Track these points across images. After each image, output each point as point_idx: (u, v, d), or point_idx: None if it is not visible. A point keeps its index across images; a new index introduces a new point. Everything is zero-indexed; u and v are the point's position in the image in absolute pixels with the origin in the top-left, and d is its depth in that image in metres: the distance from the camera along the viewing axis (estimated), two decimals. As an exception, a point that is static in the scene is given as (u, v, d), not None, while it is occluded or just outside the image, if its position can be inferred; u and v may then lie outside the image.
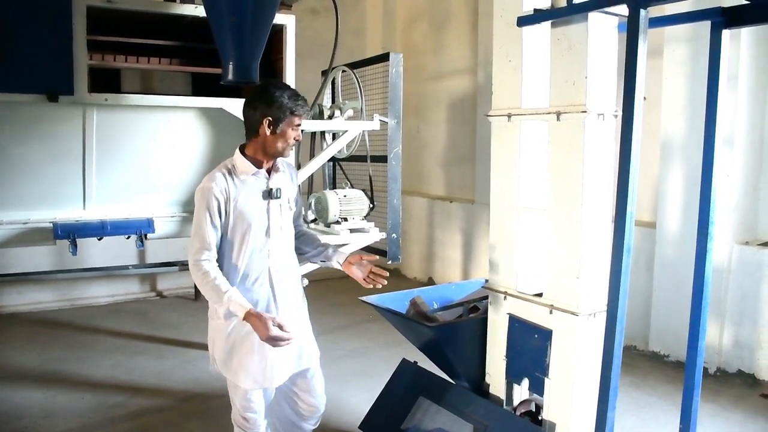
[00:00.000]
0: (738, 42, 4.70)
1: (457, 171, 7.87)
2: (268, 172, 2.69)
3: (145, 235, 4.49)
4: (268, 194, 2.65)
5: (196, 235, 2.57)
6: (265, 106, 2.58)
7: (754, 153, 5.04)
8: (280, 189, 2.69)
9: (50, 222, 4.20)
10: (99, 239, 4.63)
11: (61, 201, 4.29)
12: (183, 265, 7.42)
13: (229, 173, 2.60)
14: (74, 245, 4.19)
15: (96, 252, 7.00)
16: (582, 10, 2.57)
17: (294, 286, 2.83)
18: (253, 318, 2.49)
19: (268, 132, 2.58)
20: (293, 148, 2.69)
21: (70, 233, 4.20)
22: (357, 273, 2.86)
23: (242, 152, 2.66)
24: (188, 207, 4.70)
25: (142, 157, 4.38)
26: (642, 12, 2.28)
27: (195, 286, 7.29)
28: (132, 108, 4.19)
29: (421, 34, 8.30)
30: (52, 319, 6.49)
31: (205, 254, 2.55)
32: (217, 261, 2.62)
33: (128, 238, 4.57)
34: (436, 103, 8.09)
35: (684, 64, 5.05)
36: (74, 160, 4.18)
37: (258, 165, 2.64)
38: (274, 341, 2.48)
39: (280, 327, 2.49)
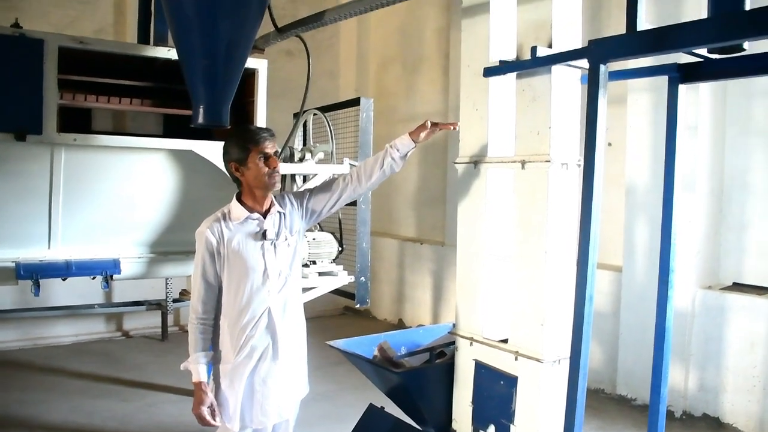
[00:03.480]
0: (697, 93, 4.87)
1: (428, 213, 7.93)
2: (265, 215, 2.72)
3: (111, 276, 4.41)
4: (263, 236, 2.69)
5: (194, 290, 2.72)
6: (227, 155, 2.72)
7: (714, 199, 5.18)
8: (274, 230, 2.73)
9: (13, 261, 4.11)
10: (63, 279, 4.55)
11: (25, 240, 4.21)
12: (150, 304, 7.32)
13: (224, 218, 2.69)
14: (37, 286, 4.10)
15: (61, 291, 6.88)
16: (546, 63, 2.66)
17: (296, 331, 2.82)
18: (198, 390, 2.65)
19: (240, 174, 2.70)
20: (275, 175, 2.69)
21: (33, 273, 4.11)
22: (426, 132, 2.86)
23: (238, 199, 2.75)
24: (156, 248, 4.65)
25: (110, 196, 4.34)
26: (602, 67, 2.36)
27: (162, 326, 7.22)
28: (101, 148, 4.17)
29: (394, 77, 8.45)
30: (13, 359, 6.32)
31: (198, 315, 2.68)
32: (220, 301, 2.71)
33: (93, 278, 4.49)
34: (408, 145, 8.17)
35: (646, 113, 5.21)
36: (40, 199, 4.13)
37: (251, 209, 2.71)
38: (200, 418, 2.65)
39: (213, 412, 2.66)
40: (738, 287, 5.07)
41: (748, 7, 2.08)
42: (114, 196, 4.38)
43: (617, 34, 2.35)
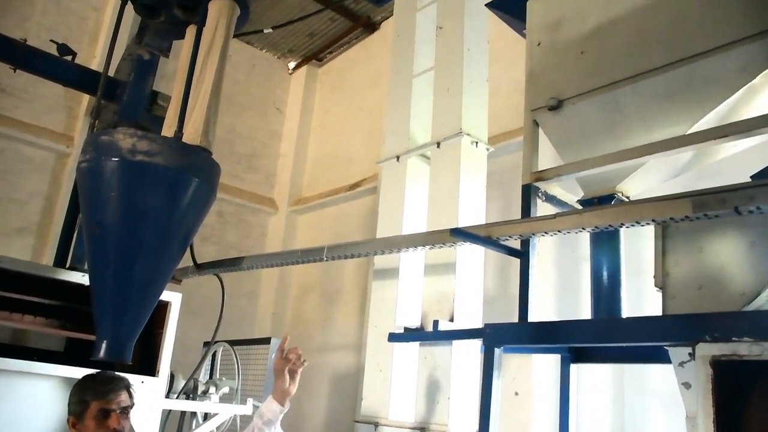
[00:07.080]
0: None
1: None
2: None
3: None
4: None
5: None
6: (68, 407, 2.39)
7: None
8: None
9: None
10: None
11: None
12: None
13: None
14: None
15: None
16: (446, 338, 2.80)
17: None
18: None
19: None
20: None
21: None
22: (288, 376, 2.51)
23: None
24: (28, 483, 4.19)
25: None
26: (496, 350, 2.50)
27: None
28: (-13, 367, 3.93)
29: (312, 305, 8.56)
30: None
31: None
32: None
33: None
34: (321, 375, 8.07)
35: (551, 367, 5.39)
36: None
37: None
38: None
39: None
40: None
41: (624, 313, 2.30)
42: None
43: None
